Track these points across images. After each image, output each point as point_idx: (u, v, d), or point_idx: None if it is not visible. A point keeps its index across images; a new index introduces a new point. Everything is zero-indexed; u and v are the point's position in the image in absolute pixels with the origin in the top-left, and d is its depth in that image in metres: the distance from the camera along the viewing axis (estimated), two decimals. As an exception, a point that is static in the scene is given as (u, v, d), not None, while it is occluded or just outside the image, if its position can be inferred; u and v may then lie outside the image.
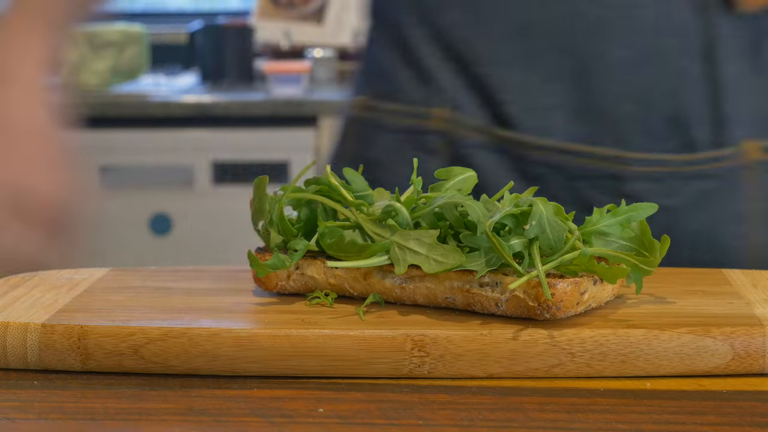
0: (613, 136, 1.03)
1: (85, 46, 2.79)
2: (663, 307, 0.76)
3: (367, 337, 0.72)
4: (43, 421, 0.66)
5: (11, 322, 0.74)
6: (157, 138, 2.68)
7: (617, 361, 0.71)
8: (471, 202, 0.75)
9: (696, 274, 0.84)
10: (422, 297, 0.76)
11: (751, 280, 0.82)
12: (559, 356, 0.71)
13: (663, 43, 1.02)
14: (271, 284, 0.80)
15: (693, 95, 1.02)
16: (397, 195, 0.80)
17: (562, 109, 1.03)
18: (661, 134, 1.03)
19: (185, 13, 3.36)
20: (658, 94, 1.03)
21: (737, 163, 1.02)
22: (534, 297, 0.71)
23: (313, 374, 0.72)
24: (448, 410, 0.67)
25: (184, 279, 0.86)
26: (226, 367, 0.72)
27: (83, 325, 0.73)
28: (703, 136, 1.02)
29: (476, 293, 0.74)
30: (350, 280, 0.78)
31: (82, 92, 2.72)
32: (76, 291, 0.81)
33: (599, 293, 0.74)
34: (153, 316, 0.75)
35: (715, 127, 1.02)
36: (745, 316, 0.73)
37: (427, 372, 0.71)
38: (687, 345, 0.71)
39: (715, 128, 1.02)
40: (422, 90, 1.09)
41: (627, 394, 0.69)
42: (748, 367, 0.71)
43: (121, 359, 0.73)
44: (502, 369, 0.71)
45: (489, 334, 0.71)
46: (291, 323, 0.73)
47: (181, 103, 2.68)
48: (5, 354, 0.74)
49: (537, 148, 1.04)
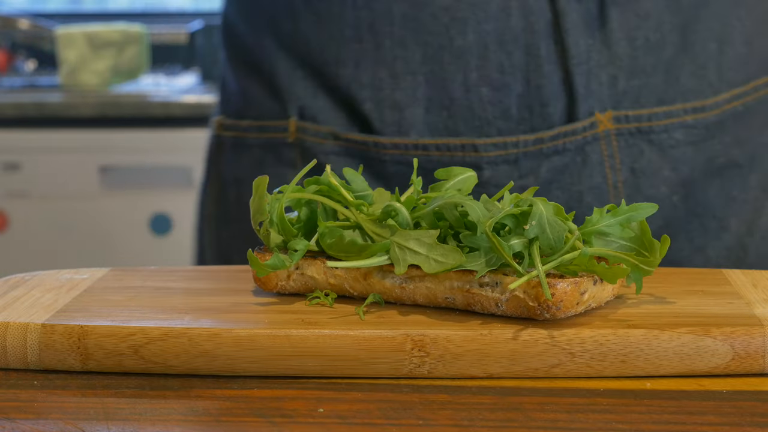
0: (470, 124, 1.02)
1: (85, 46, 2.79)
2: (663, 307, 0.76)
3: (367, 337, 0.72)
4: (43, 421, 0.66)
5: (11, 322, 0.74)
6: (157, 138, 2.68)
7: (617, 361, 0.71)
8: (471, 202, 0.75)
9: (696, 274, 0.84)
10: (422, 297, 0.76)
11: (751, 280, 0.82)
12: (559, 356, 0.71)
13: (510, 24, 1.01)
14: (271, 284, 0.80)
15: (545, 73, 1.01)
16: (396, 195, 0.80)
17: (418, 103, 1.03)
18: (517, 115, 1.02)
19: (185, 13, 3.36)
20: (511, 77, 1.02)
21: (591, 135, 1.02)
22: (534, 297, 0.71)
23: (313, 374, 0.72)
24: (448, 410, 0.67)
25: (184, 279, 0.86)
26: (226, 367, 0.72)
27: (83, 325, 0.73)
28: (558, 112, 1.02)
29: (476, 293, 0.74)
30: (350, 280, 0.78)
31: (82, 92, 2.72)
32: (76, 291, 0.81)
33: (599, 293, 0.74)
34: (153, 316, 0.75)
35: (569, 103, 1.02)
36: (745, 316, 0.73)
37: (427, 372, 0.71)
38: (687, 345, 0.71)
39: (569, 104, 1.02)
40: (275, 102, 1.09)
41: (627, 394, 0.69)
42: (748, 367, 0.71)
43: (121, 359, 0.73)
44: (502, 369, 0.71)
45: (489, 334, 0.71)
46: (291, 323, 0.73)
47: (181, 103, 2.68)
48: (5, 354, 0.74)
49: (392, 147, 1.03)
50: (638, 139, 1.03)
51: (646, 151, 1.03)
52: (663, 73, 1.03)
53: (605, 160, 1.02)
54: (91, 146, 2.65)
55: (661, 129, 1.03)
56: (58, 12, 3.29)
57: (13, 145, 2.65)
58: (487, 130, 1.02)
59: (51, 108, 2.64)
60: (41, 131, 2.65)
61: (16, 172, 2.66)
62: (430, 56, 1.02)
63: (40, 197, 2.67)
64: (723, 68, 1.05)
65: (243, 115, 1.11)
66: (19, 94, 2.75)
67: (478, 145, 1.02)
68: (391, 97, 1.03)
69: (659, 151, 1.03)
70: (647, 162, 1.03)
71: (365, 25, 1.03)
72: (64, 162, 2.65)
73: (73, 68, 2.79)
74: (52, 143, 2.65)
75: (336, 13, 1.04)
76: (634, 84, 1.02)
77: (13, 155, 2.66)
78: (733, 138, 1.05)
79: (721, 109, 1.05)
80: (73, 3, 3.35)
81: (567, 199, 1.02)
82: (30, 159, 2.65)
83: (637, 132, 1.03)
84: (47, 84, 2.86)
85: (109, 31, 2.83)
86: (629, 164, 1.03)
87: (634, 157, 1.03)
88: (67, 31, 2.81)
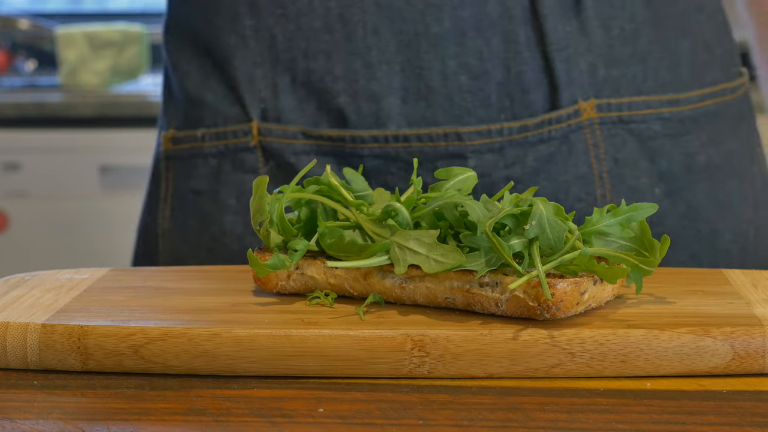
0: (449, 113, 1.00)
1: (85, 46, 2.79)
2: (663, 307, 0.76)
3: (367, 337, 0.72)
4: (43, 421, 0.66)
5: (11, 322, 0.74)
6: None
7: (617, 361, 0.71)
8: (471, 202, 0.75)
9: (696, 274, 0.84)
10: (422, 297, 0.76)
11: (751, 280, 0.82)
12: (559, 356, 0.71)
13: (487, 10, 1.00)
14: (271, 284, 0.80)
15: (524, 60, 1.00)
16: (396, 195, 0.80)
17: (394, 93, 1.00)
18: (497, 104, 1.00)
19: (185, 13, 3.35)
20: (490, 64, 1.00)
21: (575, 124, 1.01)
22: (534, 297, 0.71)
23: (313, 374, 0.72)
24: (448, 410, 0.67)
25: (184, 279, 0.86)
26: (226, 367, 0.72)
27: (83, 325, 0.73)
28: (540, 100, 1.01)
29: (476, 293, 0.74)
30: (350, 280, 0.78)
31: (82, 92, 2.72)
32: (76, 291, 0.81)
33: (599, 293, 0.74)
34: (153, 316, 0.75)
35: (550, 91, 1.01)
36: (745, 316, 0.73)
37: (427, 372, 0.71)
38: (687, 345, 0.71)
39: (551, 91, 1.01)
40: (233, 106, 1.04)
41: (627, 394, 0.69)
42: (748, 367, 0.71)
43: (121, 359, 0.73)
44: (502, 369, 0.71)
45: (489, 334, 0.71)
46: (291, 323, 0.73)
47: (181, 103, 2.68)
48: (5, 354, 0.74)
49: (371, 140, 1.01)
50: (620, 128, 1.02)
51: (628, 141, 1.03)
52: (640, 64, 1.03)
53: (590, 149, 1.02)
54: (91, 146, 2.65)
55: (639, 119, 1.03)
56: (58, 12, 3.29)
57: (13, 145, 2.65)
58: (467, 120, 1.00)
59: (51, 108, 2.64)
60: (41, 131, 2.65)
61: (16, 172, 2.66)
62: (406, 44, 1.00)
63: (40, 197, 2.67)
64: (695, 66, 1.05)
65: (196, 124, 1.06)
66: (19, 94, 2.75)
67: (461, 133, 1.00)
68: (367, 87, 1.01)
69: (638, 141, 1.03)
70: (629, 152, 1.03)
71: (335, 15, 1.00)
72: (64, 162, 2.65)
73: (73, 68, 2.79)
74: (52, 143, 2.65)
75: (303, 5, 1.01)
76: (613, 73, 1.02)
77: (13, 155, 2.66)
78: (708, 137, 1.06)
79: (693, 105, 1.05)
80: (73, 3, 3.35)
81: (554, 190, 1.01)
82: (30, 159, 2.66)
83: (619, 121, 1.02)
84: (47, 84, 2.86)
85: (109, 31, 2.83)
86: (612, 154, 1.02)
87: (617, 146, 1.02)
88: (67, 31, 2.81)
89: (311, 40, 1.01)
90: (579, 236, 0.73)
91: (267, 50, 1.03)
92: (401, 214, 0.77)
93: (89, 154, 2.65)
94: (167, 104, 1.11)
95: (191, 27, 1.07)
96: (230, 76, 1.04)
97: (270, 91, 1.03)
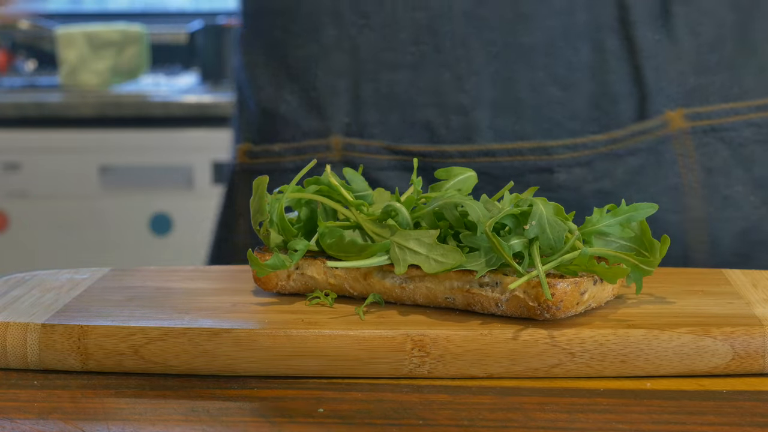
0: (538, 125, 0.99)
1: (85, 46, 2.79)
2: (663, 307, 0.76)
3: (367, 337, 0.72)
4: (43, 421, 0.66)
5: (11, 322, 0.74)
6: (157, 138, 2.68)
7: (617, 361, 0.71)
8: (471, 202, 0.75)
9: (696, 274, 0.84)
10: (422, 297, 0.76)
11: (751, 280, 0.82)
12: (559, 356, 0.71)
13: (575, 19, 0.98)
14: (271, 284, 0.80)
15: (614, 69, 0.99)
16: (396, 195, 0.80)
17: (484, 105, 0.99)
18: (586, 115, 0.99)
19: (185, 13, 3.36)
20: (579, 74, 0.99)
21: (664, 135, 0.99)
22: (534, 297, 0.71)
23: (313, 374, 0.72)
24: (448, 410, 0.67)
25: (184, 279, 0.86)
26: (226, 367, 0.72)
27: (83, 325, 0.73)
28: (628, 110, 1.00)
29: (476, 293, 0.74)
30: (350, 280, 0.78)
31: (82, 92, 2.72)
32: (76, 291, 0.81)
33: (599, 293, 0.74)
34: (153, 316, 0.75)
35: (639, 100, 0.99)
36: (745, 316, 0.73)
37: (427, 372, 0.71)
38: (687, 345, 0.71)
39: (639, 101, 0.99)
40: (314, 120, 1.02)
41: (627, 394, 0.69)
42: (748, 367, 0.71)
43: (121, 359, 0.73)
44: (502, 369, 0.71)
45: (489, 334, 0.71)
46: (291, 323, 0.73)
47: (181, 103, 2.68)
48: (5, 354, 0.74)
49: (458, 155, 0.99)
50: (711, 137, 1.00)
51: (720, 149, 1.01)
52: (726, 71, 1.01)
53: (678, 160, 1.00)
54: (91, 146, 2.65)
55: (730, 126, 1.01)
56: (58, 12, 3.29)
57: (13, 145, 2.65)
58: (556, 132, 0.99)
59: (51, 108, 2.64)
60: (41, 131, 2.65)
61: (16, 172, 2.66)
62: (494, 55, 0.98)
63: (40, 197, 2.67)
64: None
65: (271, 138, 1.04)
66: (19, 94, 2.75)
67: (549, 147, 0.98)
68: (456, 100, 0.99)
69: (731, 149, 1.01)
70: (722, 161, 1.01)
71: (422, 26, 0.98)
72: (64, 162, 2.65)
73: (73, 68, 2.79)
74: (52, 143, 2.65)
75: (387, 15, 0.99)
76: (701, 81, 1.00)
77: (13, 155, 2.66)
78: None
79: None
80: (73, 3, 3.35)
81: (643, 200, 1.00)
82: (30, 159, 2.65)
83: (711, 130, 1.00)
84: (47, 84, 2.86)
85: (109, 31, 2.83)
86: (703, 163, 1.00)
87: (709, 156, 1.00)
88: (67, 31, 2.81)
89: (396, 51, 0.99)
90: (579, 236, 0.73)
91: (349, 61, 1.01)
92: (401, 214, 0.77)
93: (89, 154, 2.65)
94: (241, 116, 1.09)
95: (269, 37, 1.05)
96: (310, 87, 1.02)
97: (351, 104, 1.01)
